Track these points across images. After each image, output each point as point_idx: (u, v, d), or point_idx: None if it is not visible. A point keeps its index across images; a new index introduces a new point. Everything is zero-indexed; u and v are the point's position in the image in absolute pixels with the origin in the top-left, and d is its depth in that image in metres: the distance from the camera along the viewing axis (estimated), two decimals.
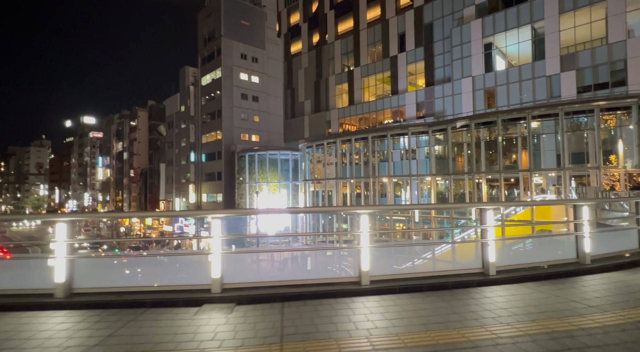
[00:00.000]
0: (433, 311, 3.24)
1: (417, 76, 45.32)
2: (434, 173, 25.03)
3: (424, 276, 4.15)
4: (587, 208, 4.84)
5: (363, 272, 3.91)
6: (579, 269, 4.57)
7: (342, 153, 30.72)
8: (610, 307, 3.23)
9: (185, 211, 28.19)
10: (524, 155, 27.39)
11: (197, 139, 44.69)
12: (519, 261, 4.61)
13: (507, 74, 36.35)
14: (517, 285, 4.08)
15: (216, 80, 41.69)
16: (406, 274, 4.13)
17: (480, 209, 4.41)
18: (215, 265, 3.71)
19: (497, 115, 20.66)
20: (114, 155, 73.14)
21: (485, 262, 4.32)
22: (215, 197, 41.53)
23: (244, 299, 3.58)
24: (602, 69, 31.04)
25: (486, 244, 4.30)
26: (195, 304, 3.49)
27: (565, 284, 4.12)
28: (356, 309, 3.32)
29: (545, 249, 5.05)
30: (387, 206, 14.39)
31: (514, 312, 3.16)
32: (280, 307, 3.41)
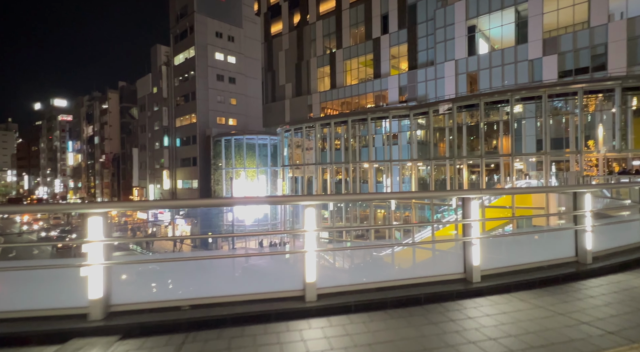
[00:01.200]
0: (395, 345, 2.27)
1: (400, 59, 44.27)
2: (415, 158, 24.33)
3: (391, 285, 3.19)
4: (589, 196, 3.97)
5: (308, 284, 2.91)
6: (579, 271, 3.72)
7: (321, 138, 29.62)
8: (634, 333, 2.35)
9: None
10: (505, 140, 27.03)
11: (170, 122, 42.46)
12: (507, 262, 3.71)
13: (490, 58, 35.79)
14: (507, 296, 3.18)
15: (189, 59, 39.31)
16: (367, 284, 3.15)
17: (463, 198, 3.45)
18: (95, 279, 2.62)
19: (480, 97, 19.93)
20: (85, 140, 69.40)
21: (468, 266, 3.40)
22: (190, 183, 39.83)
23: (134, 329, 2.52)
24: (583, 53, 30.85)
25: (469, 243, 3.36)
26: (57, 339, 2.40)
27: (566, 293, 3.25)
28: (291, 343, 2.32)
29: (538, 245, 4.16)
30: (342, 195, 13.10)
31: (507, 345, 2.24)
32: (181, 340, 2.38)
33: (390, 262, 3.55)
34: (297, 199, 3.08)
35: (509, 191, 11.31)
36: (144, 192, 48.42)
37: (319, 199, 3.22)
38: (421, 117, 23.84)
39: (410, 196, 8.16)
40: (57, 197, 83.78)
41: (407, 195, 9.73)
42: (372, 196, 2.96)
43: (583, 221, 3.94)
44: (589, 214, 3.92)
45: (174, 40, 41.88)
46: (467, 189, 24.33)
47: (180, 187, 41.43)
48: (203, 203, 4.32)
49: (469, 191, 3.47)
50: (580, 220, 3.96)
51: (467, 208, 3.41)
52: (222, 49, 40.17)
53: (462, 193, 3.57)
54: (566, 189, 7.29)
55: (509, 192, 10.65)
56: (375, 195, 6.23)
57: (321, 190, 28.91)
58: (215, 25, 39.56)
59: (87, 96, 70.65)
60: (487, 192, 3.16)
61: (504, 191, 8.84)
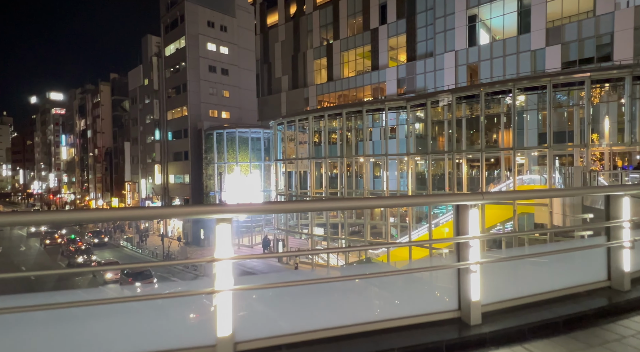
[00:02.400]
0: None
1: (398, 51, 43.04)
2: (412, 152, 23.29)
3: (355, 331, 2.18)
4: (628, 200, 2.95)
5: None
6: (617, 304, 2.72)
7: (316, 131, 28.53)
8: None
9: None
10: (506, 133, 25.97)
11: (162, 115, 41.25)
12: (518, 291, 2.69)
13: (491, 48, 34.62)
14: (519, 348, 2.18)
15: (180, 50, 37.99)
16: (322, 330, 2.14)
17: (458, 205, 2.43)
18: (224, 311, 1.88)
19: (480, 88, 18.85)
20: (78, 134, 68.12)
21: (464, 301, 2.39)
22: (182, 178, 38.79)
23: None
24: (588, 43, 29.69)
25: (466, 271, 2.35)
26: None
27: (605, 341, 2.25)
28: None
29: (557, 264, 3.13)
30: (290, 204, 6.48)
31: None
32: None
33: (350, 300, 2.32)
34: (204, 210, 2.05)
35: (517, 195, 9.68)
36: (136, 187, 47.39)
37: (240, 210, 2.19)
38: (418, 109, 22.74)
39: (389, 204, 6.80)
40: (51, 191, 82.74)
41: (386, 202, 6.49)
42: (331, 204, 1.87)
43: (619, 234, 2.93)
44: (627, 224, 2.91)
45: (164, 30, 40.50)
46: (466, 192, 23.33)
47: (173, 182, 40.40)
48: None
49: (466, 196, 2.43)
50: (616, 233, 2.95)
51: (464, 219, 2.39)
52: (214, 39, 38.82)
53: (458, 198, 2.55)
54: (596, 191, 5.96)
55: (518, 196, 9.33)
56: (336, 203, 3.62)
57: (315, 185, 27.91)
58: (207, 15, 38.18)
59: (80, 89, 69.19)
60: (490, 197, 2.15)
61: (511, 196, 7.06)
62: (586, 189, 10.47)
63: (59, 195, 75.36)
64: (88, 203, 62.06)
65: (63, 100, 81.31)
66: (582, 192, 7.97)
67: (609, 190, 3.09)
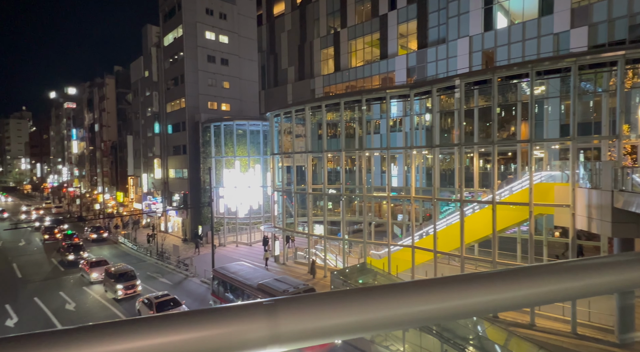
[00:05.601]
0: None
1: (408, 38, 40.56)
2: (416, 145, 21.13)
3: None
4: None
5: None
6: None
7: (314, 123, 26.64)
8: None
9: None
10: (523, 124, 23.43)
11: (161, 107, 40.10)
12: None
13: (509, 33, 31.83)
14: None
15: (178, 39, 36.54)
16: None
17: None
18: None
19: (493, 72, 16.49)
20: (87, 127, 68.33)
21: None
22: (182, 172, 37.66)
23: None
24: (620, 23, 26.62)
25: None
26: None
27: None
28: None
29: None
30: None
31: None
32: None
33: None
34: None
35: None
36: (138, 181, 46.71)
37: None
38: (423, 97, 20.51)
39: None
40: (65, 185, 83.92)
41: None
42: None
43: None
44: None
45: (163, 19, 39.13)
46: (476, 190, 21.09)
47: (173, 177, 39.36)
48: None
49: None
50: None
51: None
52: (213, 27, 37.18)
53: None
54: None
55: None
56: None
57: (313, 181, 26.10)
58: (205, 2, 36.53)
59: (88, 82, 69.20)
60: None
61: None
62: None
63: (71, 188, 76.20)
64: (96, 197, 62.22)
65: (75, 94, 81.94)
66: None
67: None
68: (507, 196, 17.91)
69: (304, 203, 26.39)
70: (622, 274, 0.67)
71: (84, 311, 18.11)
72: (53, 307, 18.37)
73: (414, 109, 21.73)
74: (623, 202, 12.15)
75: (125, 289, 19.26)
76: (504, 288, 0.62)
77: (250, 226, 33.94)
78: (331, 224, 27.42)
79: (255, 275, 16.70)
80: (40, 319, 16.94)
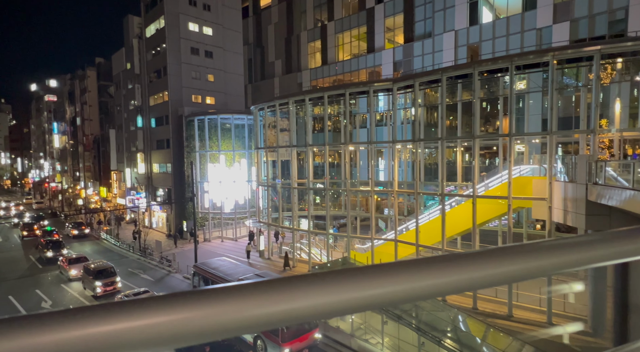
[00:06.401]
0: None
1: (395, 32, 40.48)
2: (399, 139, 21.14)
3: None
4: None
5: None
6: None
7: (297, 117, 26.41)
8: None
9: None
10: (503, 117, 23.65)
11: (144, 101, 39.21)
12: None
13: (494, 27, 32.02)
14: None
15: (160, 31, 35.62)
16: None
17: None
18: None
19: (473, 66, 16.53)
20: (69, 121, 66.47)
21: None
22: (166, 167, 37.02)
23: None
24: (600, 19, 27.05)
25: None
26: None
27: None
28: None
29: None
30: None
31: None
32: None
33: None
34: None
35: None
36: (122, 176, 45.80)
37: None
38: (406, 90, 20.48)
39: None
40: (46, 180, 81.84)
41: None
42: None
43: None
44: None
45: (144, 9, 38.06)
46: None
47: (157, 171, 38.68)
48: None
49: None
50: None
51: None
52: (197, 18, 36.36)
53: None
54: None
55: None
56: None
57: (297, 175, 25.94)
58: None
59: (69, 74, 67.19)
60: None
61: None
62: None
63: (53, 183, 74.36)
64: (79, 192, 60.87)
65: (56, 86, 79.55)
66: None
67: None
68: (488, 189, 18.10)
69: (290, 198, 26.27)
70: (589, 251, 0.77)
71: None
72: (28, 306, 17.92)
73: (397, 103, 21.70)
74: (596, 194, 12.37)
75: (104, 286, 18.91)
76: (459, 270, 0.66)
77: (236, 221, 33.68)
78: (318, 218, 27.39)
79: (236, 270, 16.56)
80: None
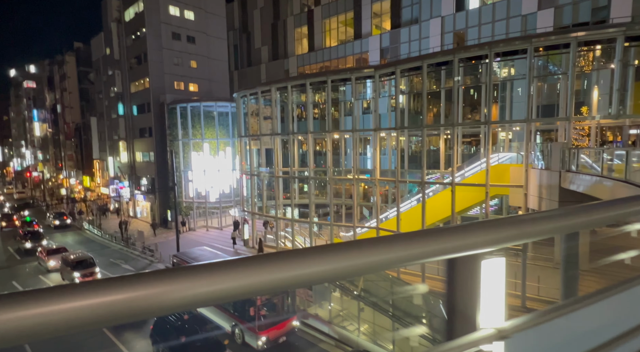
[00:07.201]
0: None
1: (382, 17, 39.92)
2: (379, 127, 21.06)
3: None
4: None
5: None
6: None
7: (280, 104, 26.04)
8: None
9: None
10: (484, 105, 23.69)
11: (125, 88, 38.13)
12: None
13: (480, 14, 31.80)
14: None
15: (140, 14, 34.40)
16: None
17: None
18: None
19: (454, 53, 16.38)
20: (49, 108, 64.48)
21: None
22: (149, 156, 36.36)
23: None
24: (584, 5, 27.05)
25: None
26: None
27: None
28: None
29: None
30: None
31: None
32: None
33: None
34: None
35: None
36: (104, 165, 44.90)
37: None
38: (389, 78, 20.29)
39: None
40: (28, 169, 79.86)
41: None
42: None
43: None
44: None
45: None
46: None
47: (140, 160, 37.98)
48: None
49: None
50: None
51: None
52: (177, 2, 35.16)
53: None
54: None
55: None
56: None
57: (280, 164, 25.73)
58: None
59: (48, 60, 64.82)
60: None
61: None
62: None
63: (35, 173, 72.64)
64: (62, 181, 59.62)
65: (34, 73, 76.74)
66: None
67: None
68: (467, 177, 18.24)
69: (274, 186, 26.13)
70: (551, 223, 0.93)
71: None
72: None
73: (381, 91, 21.54)
74: (569, 181, 12.54)
75: (82, 277, 18.67)
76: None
77: (221, 210, 33.47)
78: (304, 207, 27.31)
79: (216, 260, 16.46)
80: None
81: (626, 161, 8.90)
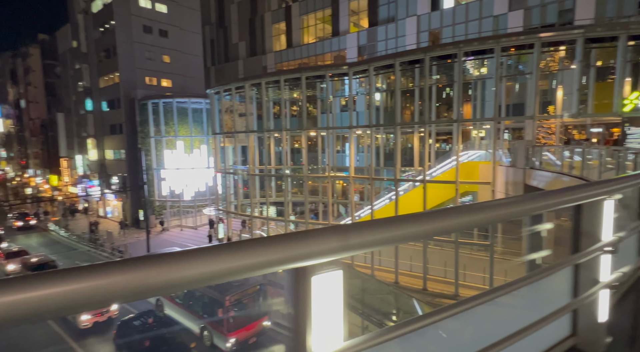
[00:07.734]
0: None
1: (360, 15, 40.00)
2: (355, 125, 21.07)
3: None
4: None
5: None
6: None
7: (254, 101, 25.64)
8: None
9: None
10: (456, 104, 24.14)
11: (93, 82, 36.55)
12: None
13: (454, 13, 32.38)
14: None
15: (108, 5, 32.99)
16: None
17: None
18: None
19: (425, 51, 16.55)
20: (13, 103, 61.13)
21: None
22: (120, 153, 35.05)
23: None
24: (551, 7, 28.03)
25: None
26: None
27: None
28: None
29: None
30: None
31: None
32: None
33: None
34: None
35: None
36: (72, 163, 43.01)
37: None
38: (363, 75, 20.30)
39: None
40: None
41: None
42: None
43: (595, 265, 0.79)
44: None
45: None
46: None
47: (110, 158, 36.56)
48: None
49: None
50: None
51: None
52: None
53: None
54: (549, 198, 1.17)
55: None
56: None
57: (254, 162, 25.35)
58: None
59: (10, 52, 61.34)
60: None
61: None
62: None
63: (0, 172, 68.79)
64: (28, 180, 56.74)
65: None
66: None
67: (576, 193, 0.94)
68: (439, 174, 18.53)
69: (250, 184, 25.74)
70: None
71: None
72: None
73: (357, 89, 21.54)
74: (532, 178, 12.92)
75: None
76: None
77: (196, 209, 32.73)
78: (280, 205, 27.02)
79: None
80: None
81: (582, 159, 9.21)
